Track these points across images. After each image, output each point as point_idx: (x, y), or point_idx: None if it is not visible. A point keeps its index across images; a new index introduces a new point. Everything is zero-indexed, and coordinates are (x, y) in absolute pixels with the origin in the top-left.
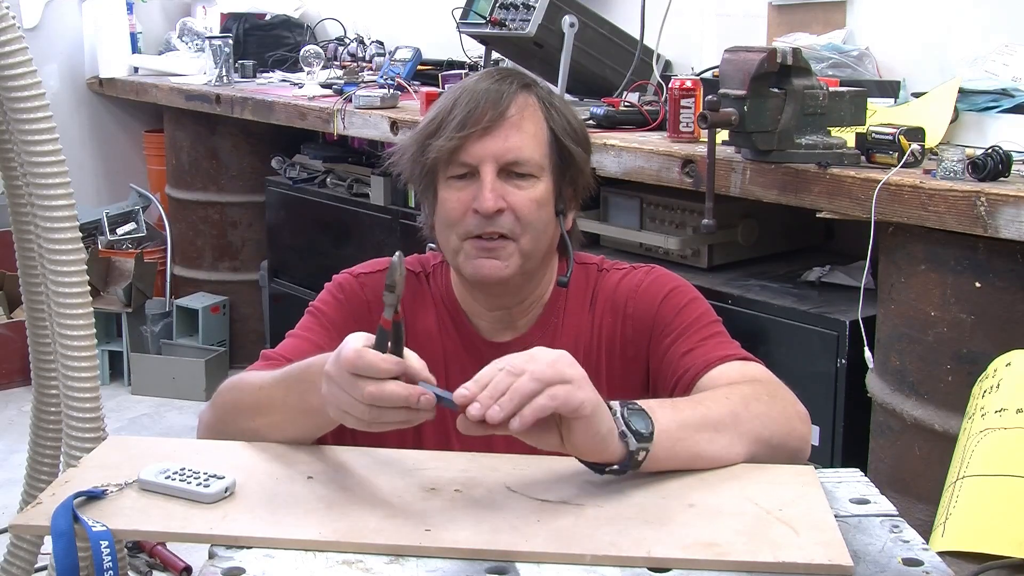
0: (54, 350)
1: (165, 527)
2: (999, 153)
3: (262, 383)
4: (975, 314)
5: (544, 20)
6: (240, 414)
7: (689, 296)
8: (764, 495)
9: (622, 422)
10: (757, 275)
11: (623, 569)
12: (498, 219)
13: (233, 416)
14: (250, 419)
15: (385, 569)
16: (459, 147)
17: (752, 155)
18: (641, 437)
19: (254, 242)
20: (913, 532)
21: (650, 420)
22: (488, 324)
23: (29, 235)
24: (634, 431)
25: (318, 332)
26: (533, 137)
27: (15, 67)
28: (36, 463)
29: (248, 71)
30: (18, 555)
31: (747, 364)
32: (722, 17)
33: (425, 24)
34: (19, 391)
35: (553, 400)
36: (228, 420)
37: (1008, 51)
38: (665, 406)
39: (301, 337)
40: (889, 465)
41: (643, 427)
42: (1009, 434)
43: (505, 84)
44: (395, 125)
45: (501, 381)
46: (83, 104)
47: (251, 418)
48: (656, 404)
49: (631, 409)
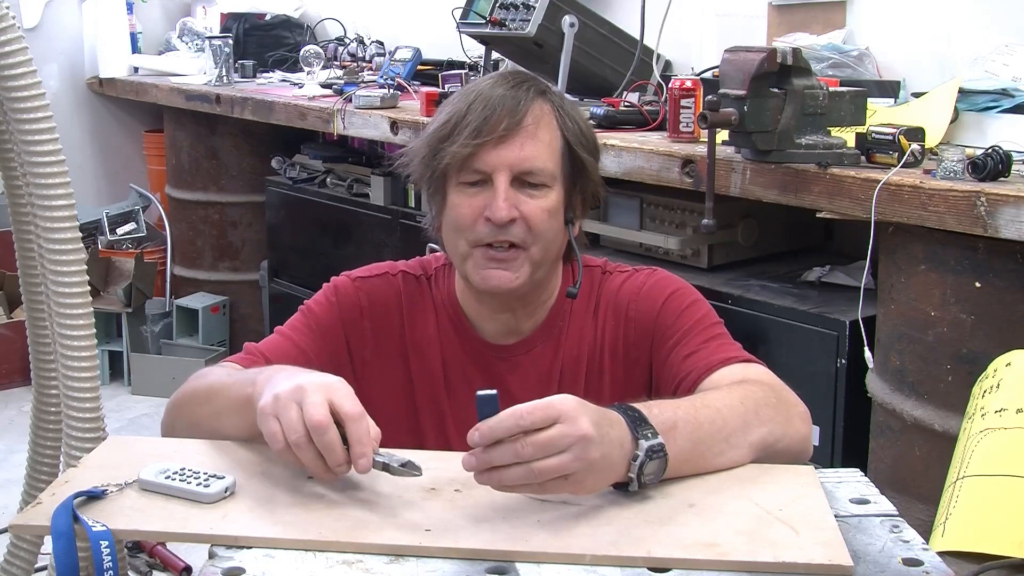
0: (54, 350)
1: (165, 527)
2: (999, 153)
3: (221, 373)
4: (975, 314)
5: (544, 20)
6: (193, 399)
7: (691, 299)
8: (764, 495)
9: (636, 468)
10: (757, 275)
11: (623, 569)
12: (510, 228)
13: (188, 400)
14: (198, 405)
15: (385, 569)
16: (473, 154)
17: (752, 155)
18: (645, 486)
19: (254, 242)
20: (913, 532)
21: (664, 467)
22: (492, 328)
23: (29, 235)
24: (642, 483)
25: (304, 333)
26: (548, 146)
27: (15, 67)
28: (36, 463)
29: (248, 71)
30: (18, 555)
31: (749, 366)
32: (722, 17)
33: (425, 24)
34: (19, 391)
35: (533, 492)
36: (183, 403)
37: (1008, 51)
38: (688, 421)
39: (286, 336)
40: (889, 465)
41: (652, 476)
42: (1009, 434)
43: (521, 91)
44: (395, 125)
45: (504, 457)
46: (83, 104)
47: (199, 404)
48: (682, 417)
49: (653, 458)
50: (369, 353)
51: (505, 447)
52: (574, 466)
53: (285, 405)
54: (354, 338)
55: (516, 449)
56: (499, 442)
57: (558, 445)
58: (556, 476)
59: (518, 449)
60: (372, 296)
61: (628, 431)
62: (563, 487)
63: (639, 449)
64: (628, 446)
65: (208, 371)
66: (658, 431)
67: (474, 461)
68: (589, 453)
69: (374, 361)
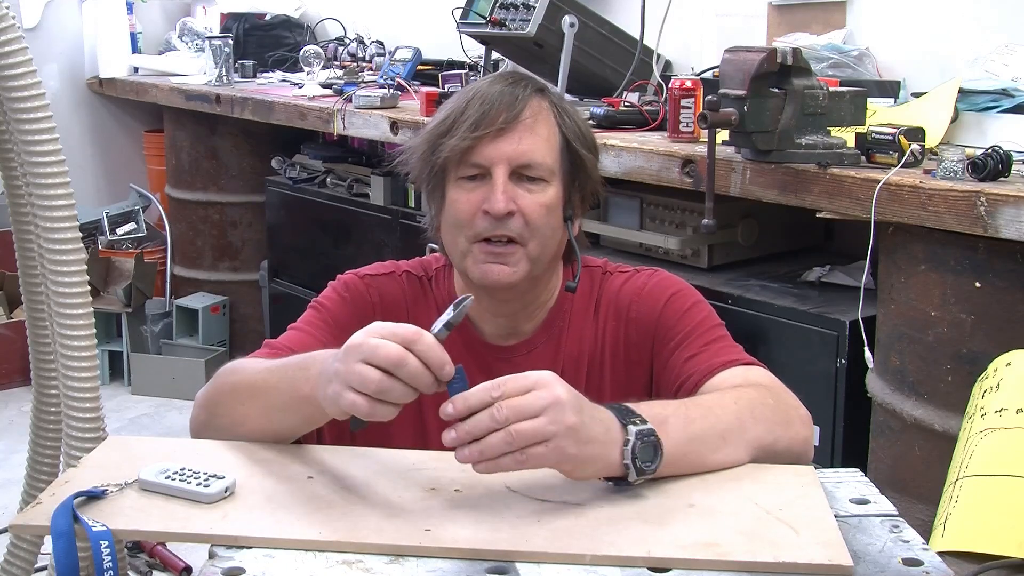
0: (54, 350)
1: (165, 527)
2: (999, 153)
3: (259, 368)
4: (975, 314)
5: (544, 20)
6: (234, 397)
7: (691, 300)
8: (764, 495)
9: (630, 455)
10: (757, 275)
11: (623, 569)
12: (507, 222)
13: (228, 398)
14: (241, 403)
15: (385, 569)
16: (472, 147)
17: (752, 155)
18: (643, 472)
19: (254, 242)
20: (913, 532)
21: (660, 453)
22: (493, 328)
23: (29, 235)
24: (639, 468)
25: (320, 327)
26: (546, 141)
27: (15, 67)
28: (36, 463)
29: (248, 71)
30: (18, 555)
31: (750, 369)
32: (722, 17)
33: (425, 24)
34: (19, 391)
35: (519, 464)
36: (222, 402)
37: (1008, 51)
38: (679, 416)
39: (303, 330)
40: (889, 465)
41: (649, 463)
42: (1009, 434)
43: (519, 88)
44: (395, 125)
45: (481, 424)
46: (83, 104)
47: (243, 401)
48: (672, 412)
49: (644, 442)
50: None
51: (482, 414)
52: (550, 429)
53: (349, 371)
54: None
55: (492, 413)
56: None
57: (533, 406)
58: (535, 441)
59: (494, 413)
60: (381, 293)
61: (615, 418)
62: (547, 457)
63: (629, 435)
64: (616, 433)
65: (241, 367)
66: (648, 422)
67: (454, 434)
68: (565, 416)
69: None
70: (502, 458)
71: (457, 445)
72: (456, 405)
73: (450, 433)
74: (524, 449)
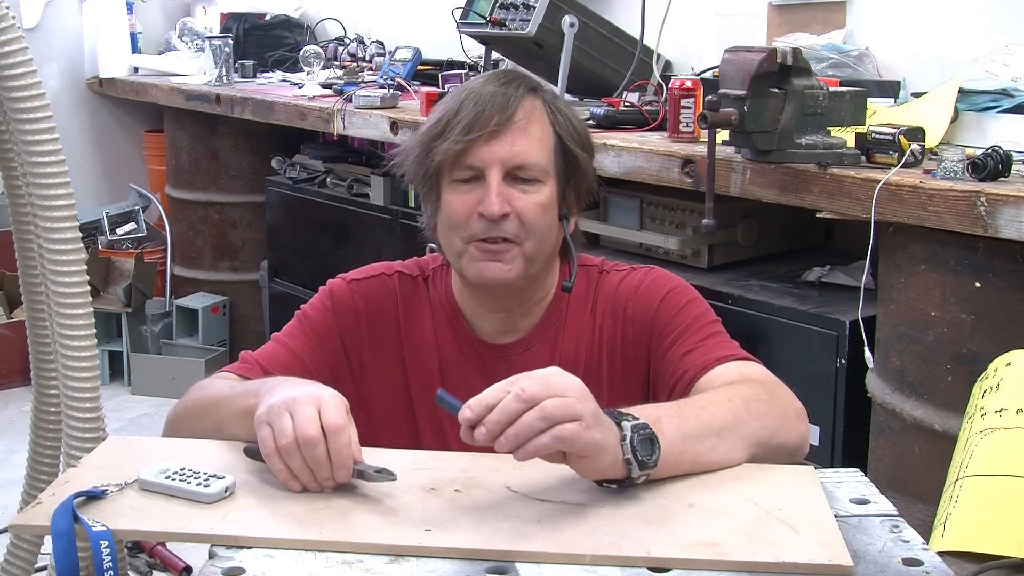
0: (54, 350)
1: (165, 527)
2: (999, 153)
3: (222, 387)
4: (975, 314)
5: (544, 20)
6: (194, 413)
7: (688, 297)
8: (764, 495)
9: (629, 448)
10: (757, 275)
11: (623, 569)
12: (503, 223)
13: (189, 413)
14: (200, 419)
15: (385, 569)
16: (465, 150)
17: (752, 155)
18: (645, 466)
19: (254, 242)
20: (913, 532)
21: (657, 446)
22: (489, 327)
23: (29, 235)
24: (640, 460)
25: (300, 340)
26: (539, 141)
27: (15, 67)
28: (36, 463)
29: (248, 71)
30: (18, 555)
31: (745, 364)
32: (722, 17)
33: (425, 24)
34: (19, 391)
35: (558, 442)
36: (184, 417)
37: (1008, 51)
38: (672, 415)
39: (282, 344)
40: (889, 465)
41: (649, 455)
42: (1009, 434)
43: (512, 87)
44: (395, 125)
45: (510, 407)
46: (83, 104)
47: (201, 417)
48: (664, 413)
49: (641, 435)
50: (366, 355)
51: (507, 399)
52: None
53: (278, 413)
54: (351, 341)
55: (517, 395)
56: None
57: (558, 387)
58: (568, 418)
59: (519, 394)
60: (368, 298)
61: (609, 417)
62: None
63: (624, 430)
64: (613, 429)
65: (207, 383)
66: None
67: (484, 430)
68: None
69: (372, 363)
70: (539, 437)
71: (489, 439)
72: (474, 408)
73: (480, 430)
74: (558, 425)
